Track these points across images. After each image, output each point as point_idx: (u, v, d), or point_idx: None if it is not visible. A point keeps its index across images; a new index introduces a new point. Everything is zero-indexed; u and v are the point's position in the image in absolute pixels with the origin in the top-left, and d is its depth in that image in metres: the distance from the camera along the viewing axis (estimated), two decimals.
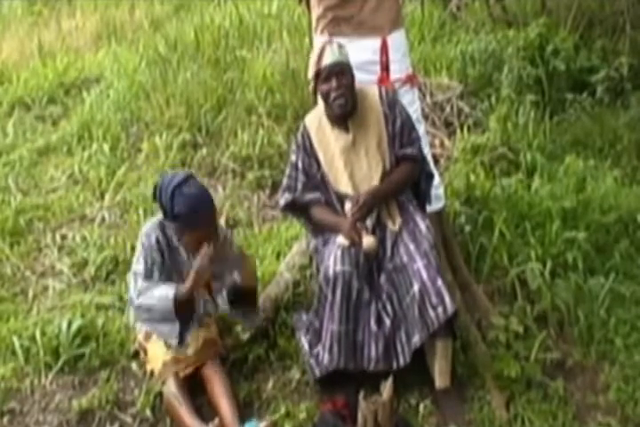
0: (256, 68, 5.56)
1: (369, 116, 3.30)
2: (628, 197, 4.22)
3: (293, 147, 3.44)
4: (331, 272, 3.13)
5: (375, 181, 3.26)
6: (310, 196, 3.35)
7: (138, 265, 3.24)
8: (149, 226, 3.32)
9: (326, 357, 3.14)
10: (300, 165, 3.37)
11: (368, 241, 3.13)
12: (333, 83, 3.20)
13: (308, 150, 3.36)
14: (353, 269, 3.14)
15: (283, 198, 3.42)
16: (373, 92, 3.35)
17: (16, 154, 5.18)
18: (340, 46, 3.27)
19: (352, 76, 3.26)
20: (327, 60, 3.21)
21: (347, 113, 3.26)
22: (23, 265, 4.13)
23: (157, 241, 3.26)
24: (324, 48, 3.23)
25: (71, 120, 5.58)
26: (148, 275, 3.21)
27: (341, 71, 3.22)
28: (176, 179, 3.23)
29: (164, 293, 3.14)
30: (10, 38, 7.94)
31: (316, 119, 3.37)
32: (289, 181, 3.40)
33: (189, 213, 3.18)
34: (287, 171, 3.43)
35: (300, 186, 3.36)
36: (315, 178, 3.36)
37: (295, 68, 5.33)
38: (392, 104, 3.33)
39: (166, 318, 3.17)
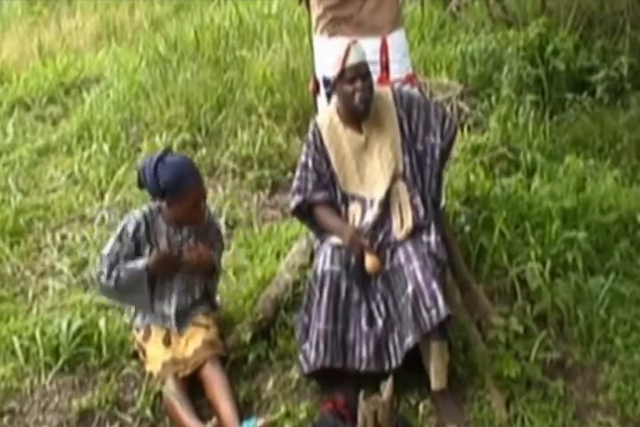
0: (256, 68, 5.56)
1: (383, 116, 3.28)
2: (628, 197, 4.21)
3: (304, 147, 3.41)
4: (319, 271, 3.12)
5: (386, 183, 3.25)
6: (320, 195, 3.32)
7: (107, 248, 3.28)
8: (132, 215, 3.33)
9: (312, 354, 3.12)
10: (310, 163, 3.34)
11: (372, 264, 3.11)
12: (358, 84, 3.16)
13: (319, 148, 3.33)
14: (342, 269, 3.13)
15: (293, 201, 3.38)
16: (387, 93, 3.32)
17: (16, 154, 5.19)
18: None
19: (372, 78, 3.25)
20: (354, 59, 3.16)
21: (366, 113, 3.24)
22: (23, 265, 4.14)
23: (136, 230, 3.27)
24: (350, 48, 3.17)
25: (71, 120, 5.59)
26: (113, 260, 3.24)
27: (367, 73, 3.19)
28: (156, 155, 3.27)
29: (132, 265, 3.22)
30: (10, 38, 7.96)
31: (327, 118, 3.35)
32: (299, 183, 3.35)
33: (175, 181, 3.17)
34: (297, 173, 3.39)
35: (310, 186, 3.33)
36: (325, 176, 3.33)
37: (295, 68, 5.33)
38: (408, 104, 3.31)
39: (135, 289, 3.22)
